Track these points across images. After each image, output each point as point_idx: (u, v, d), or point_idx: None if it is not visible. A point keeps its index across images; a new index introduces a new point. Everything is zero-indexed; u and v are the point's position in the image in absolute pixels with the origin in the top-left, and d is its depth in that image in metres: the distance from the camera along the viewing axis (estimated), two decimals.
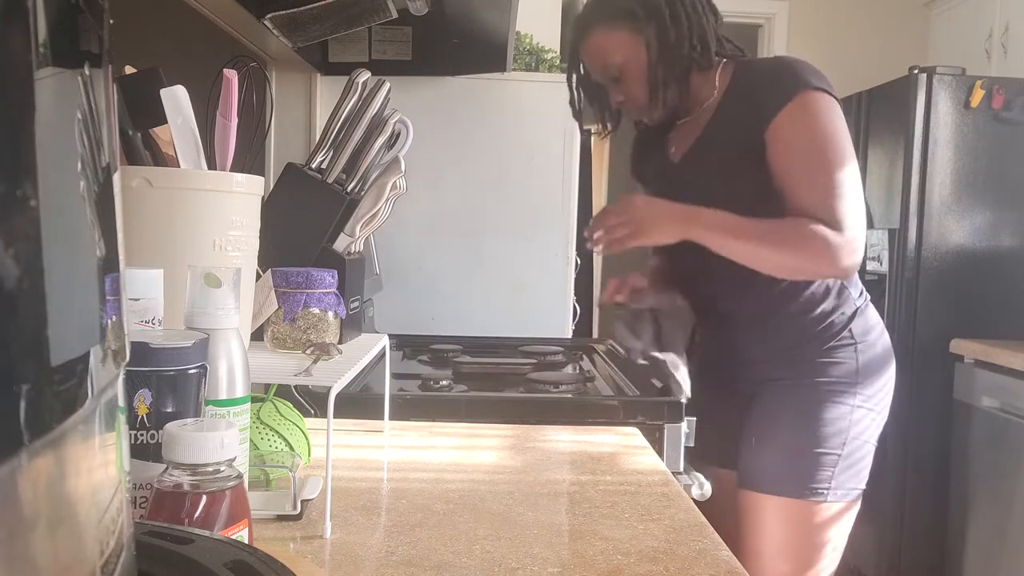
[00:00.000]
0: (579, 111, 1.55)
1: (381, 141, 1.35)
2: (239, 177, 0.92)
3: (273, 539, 0.82)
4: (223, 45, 1.72)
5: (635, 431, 1.31)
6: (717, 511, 1.26)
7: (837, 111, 1.35)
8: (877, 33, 4.29)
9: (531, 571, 0.75)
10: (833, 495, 1.38)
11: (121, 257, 0.32)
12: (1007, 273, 2.90)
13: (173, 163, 0.92)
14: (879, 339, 1.45)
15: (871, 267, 3.03)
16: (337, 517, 0.87)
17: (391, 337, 1.29)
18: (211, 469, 0.59)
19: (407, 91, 1.92)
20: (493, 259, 2.16)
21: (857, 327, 1.41)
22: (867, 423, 1.41)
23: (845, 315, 1.41)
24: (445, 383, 1.51)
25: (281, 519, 0.86)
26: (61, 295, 0.25)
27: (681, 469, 1.38)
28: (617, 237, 1.36)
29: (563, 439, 1.27)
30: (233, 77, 0.93)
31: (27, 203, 0.23)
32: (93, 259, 0.29)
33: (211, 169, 0.93)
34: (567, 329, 2.18)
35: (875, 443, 1.44)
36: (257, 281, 1.00)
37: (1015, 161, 2.89)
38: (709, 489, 1.36)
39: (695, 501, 1.03)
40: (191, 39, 1.79)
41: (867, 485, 1.44)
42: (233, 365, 0.72)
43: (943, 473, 2.86)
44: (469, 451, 1.19)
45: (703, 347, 1.52)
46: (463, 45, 1.98)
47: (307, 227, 1.32)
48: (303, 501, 0.86)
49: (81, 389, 0.27)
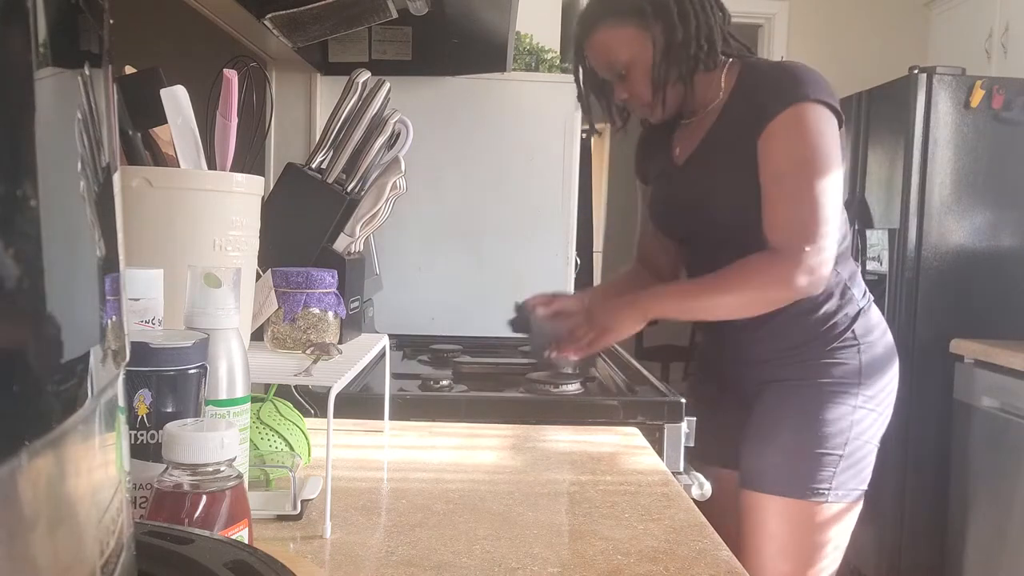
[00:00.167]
0: (587, 106, 1.55)
1: (381, 141, 1.35)
2: (239, 177, 0.92)
3: (273, 539, 0.82)
4: (223, 45, 1.72)
5: (635, 431, 1.31)
6: (718, 511, 1.26)
7: (830, 125, 1.33)
8: (877, 33, 4.29)
9: (531, 571, 0.75)
10: (834, 495, 1.37)
11: (121, 257, 0.32)
12: (1007, 273, 2.90)
13: (173, 163, 0.92)
14: (881, 339, 1.44)
15: (871, 267, 3.03)
16: (337, 517, 0.87)
17: (391, 337, 1.29)
18: (211, 469, 0.59)
19: (407, 91, 1.92)
20: (493, 259, 2.16)
21: (860, 327, 1.41)
22: (869, 423, 1.41)
23: (848, 316, 1.41)
24: (445, 383, 1.51)
25: (281, 519, 0.86)
26: (61, 295, 0.25)
27: (681, 469, 1.38)
28: (588, 343, 1.40)
29: (563, 439, 1.27)
30: (233, 77, 0.93)
31: (27, 203, 0.23)
32: (93, 259, 0.29)
33: (211, 169, 0.93)
34: None
35: (877, 443, 1.43)
36: (257, 281, 1.00)
37: (1015, 161, 2.88)
38: (709, 489, 1.36)
39: (695, 501, 1.03)
40: (191, 39, 1.79)
41: (867, 485, 1.43)
42: (233, 365, 0.72)
43: (943, 473, 2.86)
44: (469, 451, 1.19)
45: (705, 347, 1.52)
46: (463, 45, 1.98)
47: (307, 227, 1.32)
48: (303, 501, 0.86)
49: (81, 389, 0.27)
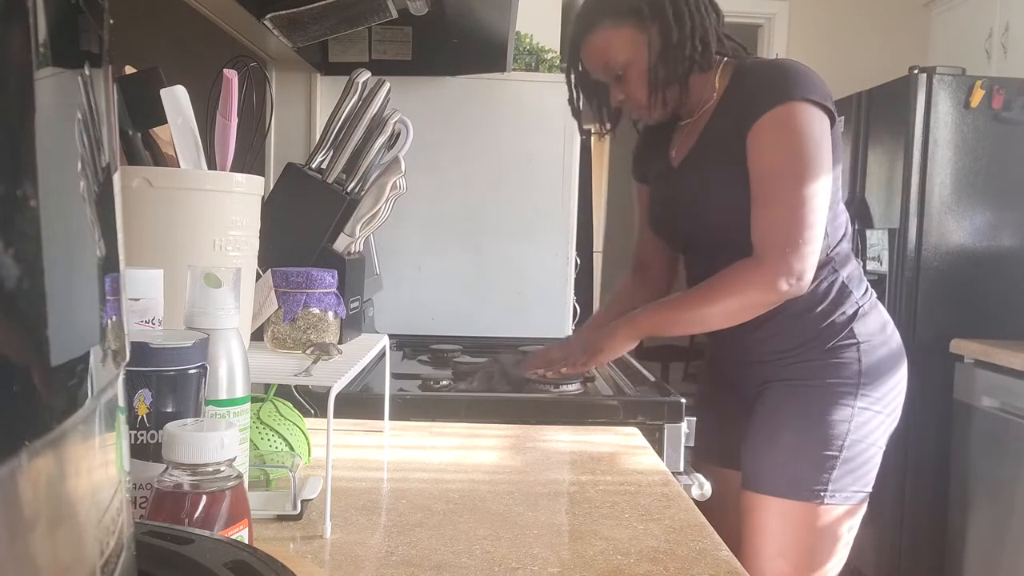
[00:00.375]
0: (578, 109, 1.55)
1: (381, 141, 1.35)
2: (239, 177, 0.92)
3: (273, 539, 0.82)
4: (223, 45, 1.72)
5: (635, 431, 1.31)
6: (719, 511, 1.25)
7: (820, 125, 1.31)
8: (877, 33, 4.29)
9: (531, 571, 0.75)
10: (832, 498, 1.36)
11: (121, 257, 0.32)
12: (1007, 273, 2.90)
13: (173, 163, 0.92)
14: (886, 340, 1.43)
15: (871, 267, 3.03)
16: (337, 517, 0.87)
17: (391, 337, 1.29)
18: (211, 469, 0.59)
19: (407, 91, 1.92)
20: (493, 259, 2.15)
21: (860, 327, 1.40)
22: (873, 425, 1.39)
23: (846, 315, 1.40)
24: (445, 383, 1.51)
25: (281, 519, 0.86)
26: (61, 295, 0.25)
27: (681, 469, 1.38)
28: (580, 365, 1.43)
29: (563, 439, 1.27)
30: (233, 77, 0.93)
31: (27, 203, 0.23)
32: (93, 259, 0.29)
33: (211, 169, 0.93)
34: (567, 329, 2.18)
35: (882, 446, 1.41)
36: (257, 281, 1.01)
37: (1015, 161, 2.89)
38: (709, 489, 1.36)
39: (695, 501, 1.03)
40: (191, 39, 1.79)
41: (872, 488, 1.42)
42: (233, 365, 0.72)
43: (943, 473, 2.86)
44: (469, 451, 1.19)
45: (708, 347, 1.52)
46: (463, 45, 1.98)
47: (307, 227, 1.32)
48: (303, 501, 0.86)
49: (81, 389, 0.27)
